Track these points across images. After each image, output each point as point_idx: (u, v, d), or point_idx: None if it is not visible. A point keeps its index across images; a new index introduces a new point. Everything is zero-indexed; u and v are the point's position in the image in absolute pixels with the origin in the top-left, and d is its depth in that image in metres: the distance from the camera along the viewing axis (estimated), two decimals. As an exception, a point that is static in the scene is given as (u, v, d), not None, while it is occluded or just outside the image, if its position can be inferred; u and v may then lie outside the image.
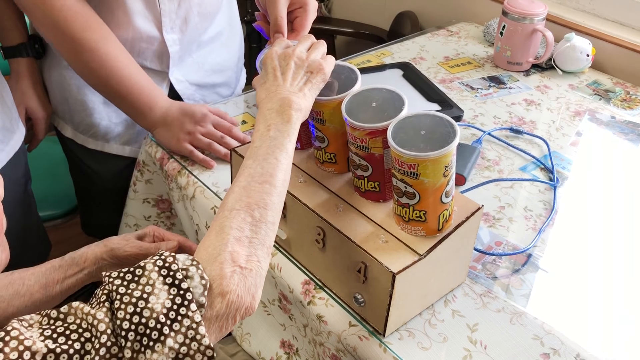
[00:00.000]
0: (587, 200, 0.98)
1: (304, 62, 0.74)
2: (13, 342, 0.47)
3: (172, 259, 0.56)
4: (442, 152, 0.65)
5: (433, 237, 0.72)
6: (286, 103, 0.70)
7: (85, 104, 1.11)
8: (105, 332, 0.50)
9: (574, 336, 0.75)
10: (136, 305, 0.52)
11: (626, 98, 1.26)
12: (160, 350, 0.51)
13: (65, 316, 0.52)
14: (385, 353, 0.72)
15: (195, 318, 0.53)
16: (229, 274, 0.57)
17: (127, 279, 0.54)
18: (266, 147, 0.67)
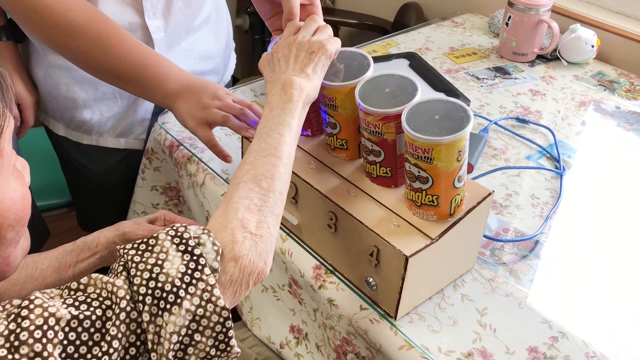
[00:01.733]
0: (593, 188, 0.99)
1: (303, 45, 0.75)
2: (38, 309, 0.48)
3: (183, 228, 0.57)
4: (456, 137, 0.66)
5: (445, 222, 0.73)
6: (287, 83, 0.71)
7: (75, 101, 1.09)
8: (124, 297, 0.51)
9: (581, 321, 0.76)
10: (151, 271, 0.53)
11: (631, 89, 1.27)
12: (177, 312, 0.52)
13: (85, 287, 0.53)
14: (396, 336, 0.73)
15: (209, 281, 0.54)
16: (241, 239, 0.59)
17: (141, 248, 0.56)
18: (269, 125, 0.68)
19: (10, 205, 0.53)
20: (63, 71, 1.07)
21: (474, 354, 0.72)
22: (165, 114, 1.13)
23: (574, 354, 0.72)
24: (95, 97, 1.09)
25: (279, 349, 0.92)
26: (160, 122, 1.10)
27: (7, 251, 0.55)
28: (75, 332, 0.49)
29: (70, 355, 0.49)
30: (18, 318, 0.48)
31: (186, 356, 0.53)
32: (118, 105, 1.12)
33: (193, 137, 1.06)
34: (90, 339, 0.50)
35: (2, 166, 0.53)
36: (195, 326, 0.53)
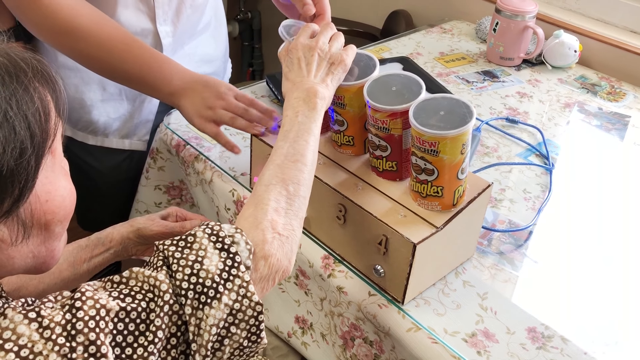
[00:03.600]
0: (581, 183, 1.06)
1: (326, 54, 0.79)
2: (89, 301, 0.51)
3: (218, 227, 0.61)
4: (461, 131, 0.71)
5: (448, 212, 0.78)
6: (312, 92, 0.75)
7: (83, 102, 1.12)
8: (167, 291, 0.55)
9: (573, 304, 0.82)
10: (192, 267, 0.57)
11: (611, 91, 1.34)
12: (217, 306, 0.56)
13: (127, 280, 0.56)
14: (404, 319, 0.78)
15: (245, 278, 0.58)
16: (270, 239, 0.63)
17: (180, 245, 0.59)
18: (296, 130, 0.72)
19: (61, 201, 0.56)
20: (72, 72, 1.10)
21: (477, 334, 0.76)
22: (170, 114, 1.16)
23: (569, 332, 0.78)
24: (103, 97, 1.13)
25: (287, 337, 0.96)
26: (166, 122, 1.14)
27: (53, 244, 0.58)
28: (123, 323, 0.52)
29: (119, 344, 0.52)
30: (73, 309, 0.50)
31: (222, 347, 0.57)
32: (124, 107, 1.15)
33: (199, 137, 1.10)
34: (137, 329, 0.53)
35: (55, 165, 0.56)
36: (232, 319, 0.57)
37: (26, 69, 0.52)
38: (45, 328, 0.49)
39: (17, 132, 0.49)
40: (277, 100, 1.23)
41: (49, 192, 0.55)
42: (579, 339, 0.77)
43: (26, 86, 0.51)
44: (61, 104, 0.56)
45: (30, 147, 0.51)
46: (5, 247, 0.53)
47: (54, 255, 0.59)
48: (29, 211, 0.53)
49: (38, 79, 0.53)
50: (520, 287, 0.84)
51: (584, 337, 0.77)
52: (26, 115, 0.50)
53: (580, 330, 0.78)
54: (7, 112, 0.49)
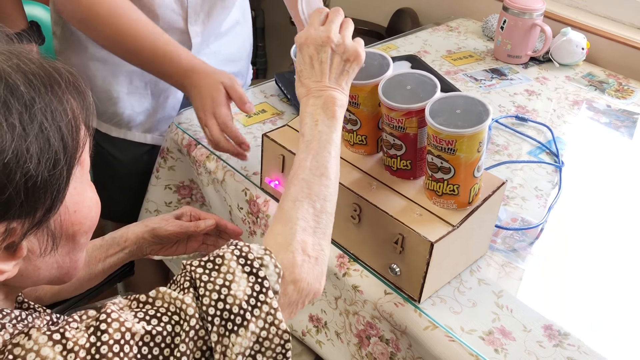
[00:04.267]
0: (590, 180, 1.06)
1: (339, 48, 0.76)
2: (115, 323, 0.50)
3: (247, 248, 0.59)
4: (478, 129, 0.71)
5: (464, 210, 0.78)
6: (330, 100, 0.73)
7: (110, 93, 1.15)
8: (193, 316, 0.54)
9: (585, 300, 0.83)
10: (220, 292, 0.55)
11: (619, 89, 1.34)
12: (244, 334, 0.55)
13: (153, 300, 0.55)
14: (420, 317, 0.78)
15: (273, 304, 0.57)
16: (300, 262, 0.62)
17: (208, 267, 0.57)
18: (317, 141, 0.71)
19: (87, 212, 0.56)
20: (101, 64, 1.12)
21: (494, 332, 0.77)
22: (180, 114, 1.16)
23: (583, 329, 0.78)
24: (129, 90, 1.14)
25: (301, 336, 0.96)
26: (177, 122, 1.14)
27: (77, 255, 0.58)
28: (147, 347, 0.51)
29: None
30: (98, 331, 0.50)
31: None
32: (148, 101, 1.17)
33: (210, 136, 1.10)
34: (161, 353, 0.52)
35: (83, 176, 0.56)
36: (258, 347, 0.56)
37: (60, 80, 0.52)
38: (70, 351, 0.48)
39: (51, 144, 0.49)
40: (286, 99, 1.23)
41: (77, 203, 0.55)
42: (594, 336, 0.77)
43: (60, 97, 0.51)
44: (90, 116, 0.56)
45: (63, 159, 0.51)
46: (34, 258, 0.53)
47: (77, 266, 0.59)
48: (59, 222, 0.53)
49: (70, 90, 0.53)
50: (535, 284, 0.85)
51: (599, 334, 0.78)
52: (60, 127, 0.50)
53: (595, 327, 0.79)
54: (42, 123, 0.49)
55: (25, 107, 0.48)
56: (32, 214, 0.50)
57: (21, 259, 0.52)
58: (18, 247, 0.51)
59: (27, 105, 0.48)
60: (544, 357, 0.74)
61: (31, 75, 0.50)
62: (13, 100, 0.48)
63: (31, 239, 0.52)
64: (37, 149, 0.48)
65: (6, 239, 0.49)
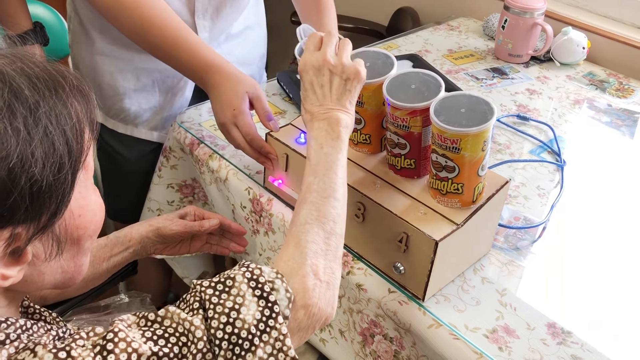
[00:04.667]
0: (592, 179, 1.07)
1: (337, 68, 0.75)
2: (122, 343, 0.50)
3: (259, 271, 0.59)
4: (483, 128, 0.71)
5: (468, 209, 0.79)
6: (333, 121, 0.74)
7: (117, 89, 1.15)
8: (201, 339, 0.53)
9: (588, 298, 0.83)
10: (229, 315, 0.55)
11: (620, 88, 1.35)
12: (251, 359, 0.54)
13: (162, 319, 0.54)
14: (424, 315, 0.79)
15: (282, 330, 0.56)
16: (311, 287, 0.61)
17: (218, 289, 0.57)
18: (323, 163, 0.71)
19: (92, 216, 0.56)
20: (109, 59, 1.12)
21: (498, 330, 0.77)
22: (183, 113, 1.16)
23: (587, 328, 0.78)
24: (136, 87, 1.14)
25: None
26: (179, 120, 1.14)
27: (82, 260, 0.58)
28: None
29: None
30: (104, 351, 0.49)
31: None
32: (155, 99, 1.17)
33: (213, 135, 1.10)
34: None
35: (87, 180, 0.56)
36: None
37: (64, 84, 0.52)
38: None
39: (56, 148, 0.49)
40: (288, 98, 1.23)
41: (82, 207, 0.55)
42: (595, 334, 0.78)
43: (64, 101, 0.51)
44: (94, 120, 0.55)
45: (68, 163, 0.50)
46: (39, 263, 0.53)
47: (81, 270, 0.59)
48: (64, 226, 0.53)
49: (74, 93, 0.53)
50: (538, 282, 0.85)
51: (600, 332, 0.78)
52: (64, 131, 0.50)
53: (597, 325, 0.79)
54: (47, 127, 0.49)
55: (29, 111, 0.48)
56: (37, 218, 0.49)
57: (26, 264, 0.51)
58: (23, 253, 0.50)
59: (32, 109, 0.48)
60: (548, 355, 0.74)
61: (35, 79, 0.50)
62: (17, 104, 0.47)
63: (36, 244, 0.51)
64: (42, 153, 0.48)
65: (11, 244, 0.49)
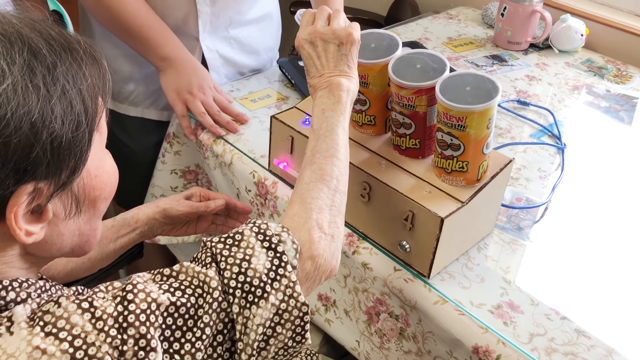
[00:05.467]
0: (592, 161, 1.08)
1: (329, 35, 0.76)
2: (141, 294, 0.52)
3: (265, 225, 0.61)
4: (488, 105, 0.72)
5: (472, 187, 0.80)
6: (334, 86, 0.74)
7: (122, 72, 1.16)
8: (216, 288, 0.55)
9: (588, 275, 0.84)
10: (240, 266, 0.57)
11: (618, 74, 1.36)
12: (264, 306, 0.56)
13: (177, 274, 0.56)
14: (430, 292, 0.80)
15: (292, 278, 0.58)
16: (317, 239, 0.63)
17: (228, 243, 0.59)
18: (325, 126, 0.72)
19: (107, 178, 0.58)
20: (110, 44, 1.13)
21: (503, 305, 0.78)
22: (186, 99, 1.17)
23: (587, 303, 0.80)
24: (141, 70, 1.16)
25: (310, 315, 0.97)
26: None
27: (96, 223, 0.59)
28: (172, 318, 0.52)
29: (167, 338, 0.52)
30: (125, 301, 0.51)
31: (267, 346, 0.57)
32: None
33: (217, 120, 1.11)
34: (185, 324, 0.53)
35: (102, 142, 0.57)
36: (277, 319, 0.57)
37: (78, 48, 0.53)
38: (98, 319, 0.49)
39: (73, 106, 0.51)
40: (290, 84, 1.24)
41: (98, 168, 0.56)
42: (597, 310, 0.79)
43: (79, 62, 0.52)
44: (107, 84, 0.57)
45: (85, 121, 0.52)
46: (58, 221, 0.54)
47: (95, 234, 0.60)
48: (82, 185, 0.55)
49: (87, 57, 0.54)
50: (541, 260, 0.86)
51: (602, 308, 0.80)
52: (80, 90, 0.52)
53: (599, 302, 0.81)
54: (64, 86, 0.50)
55: (48, 70, 0.50)
56: (58, 174, 0.51)
57: (47, 222, 0.53)
58: (44, 210, 0.52)
59: (50, 69, 0.50)
60: (552, 329, 0.76)
61: (52, 41, 0.51)
62: (36, 63, 0.49)
63: (56, 202, 0.53)
64: (61, 111, 0.49)
65: (34, 200, 0.50)
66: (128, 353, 0.49)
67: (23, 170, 0.48)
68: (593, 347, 0.74)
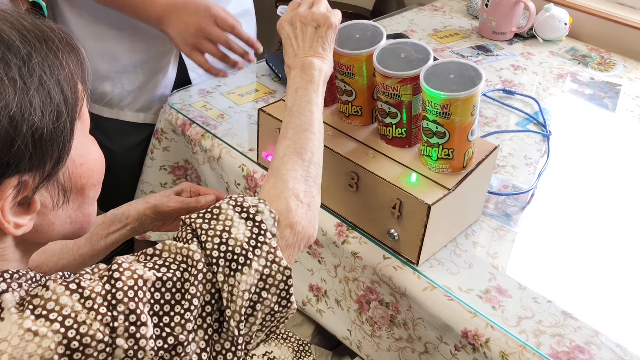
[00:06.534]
0: (577, 148, 1.09)
1: (308, 19, 0.79)
2: (127, 272, 0.52)
3: (242, 199, 0.62)
4: (472, 92, 0.73)
5: (459, 174, 0.81)
6: (306, 65, 0.76)
7: (97, 72, 1.15)
8: (200, 260, 0.56)
9: (573, 259, 0.86)
10: (221, 237, 0.58)
11: (602, 62, 1.38)
12: (248, 272, 0.57)
13: (160, 252, 0.57)
14: (419, 279, 0.81)
15: (272, 244, 0.59)
16: (294, 207, 0.64)
17: (207, 217, 0.60)
18: (298, 104, 0.74)
19: (93, 165, 0.58)
20: (85, 42, 1.09)
21: (491, 290, 0.79)
22: (173, 95, 1.17)
23: (573, 286, 0.81)
24: (117, 69, 1.15)
25: (301, 306, 0.98)
26: (170, 102, 1.15)
27: (89, 209, 0.60)
28: (159, 292, 0.53)
29: (156, 312, 0.53)
30: (111, 279, 0.51)
31: (254, 312, 0.58)
32: (139, 80, 1.17)
33: (205, 115, 1.11)
34: (173, 298, 0.54)
35: (84, 129, 0.57)
36: (262, 284, 0.58)
37: (53, 37, 0.53)
38: (87, 298, 0.50)
39: (52, 96, 0.51)
40: (277, 78, 1.24)
41: (82, 156, 0.56)
42: (583, 291, 0.80)
43: (55, 52, 0.52)
44: (85, 71, 0.57)
45: (65, 111, 0.52)
46: (48, 212, 0.55)
47: (89, 220, 0.61)
48: (67, 175, 0.55)
49: (64, 45, 0.54)
50: (527, 245, 0.88)
51: (588, 289, 0.81)
52: (59, 80, 0.52)
53: (585, 283, 0.82)
54: (41, 76, 0.50)
55: (23, 61, 0.49)
56: (42, 166, 0.51)
57: (35, 213, 0.53)
58: (32, 202, 0.52)
59: (25, 60, 0.50)
60: (540, 312, 0.77)
61: (25, 32, 0.51)
62: (10, 56, 0.49)
63: (43, 193, 0.53)
64: (40, 102, 0.49)
65: (20, 193, 0.51)
66: (119, 329, 0.50)
67: (6, 165, 0.49)
68: (580, 328, 0.75)
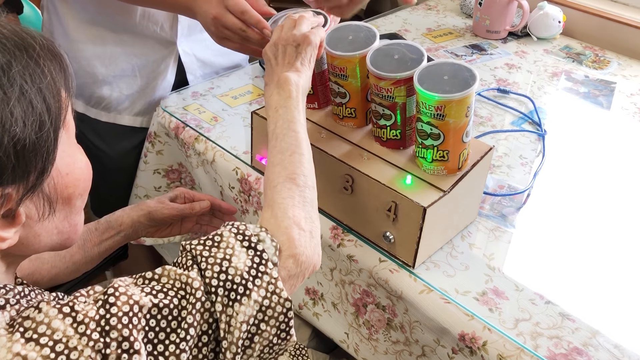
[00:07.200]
0: (572, 147, 1.09)
1: (288, 39, 0.77)
2: (123, 297, 0.51)
3: (244, 227, 0.61)
4: (466, 93, 0.73)
5: (454, 175, 0.80)
6: (282, 81, 0.74)
7: (95, 76, 1.14)
8: (199, 289, 0.54)
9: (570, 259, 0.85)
10: (221, 265, 0.56)
11: (596, 60, 1.37)
12: (247, 303, 0.56)
13: (159, 277, 0.56)
14: (415, 282, 0.80)
15: (273, 274, 0.58)
16: (297, 237, 0.63)
17: (207, 244, 0.59)
18: (280, 124, 0.72)
19: (80, 174, 0.57)
20: (84, 45, 1.11)
21: (488, 292, 0.79)
22: (166, 98, 1.16)
23: (571, 285, 0.81)
24: (115, 73, 1.14)
25: (298, 310, 0.97)
26: (163, 105, 1.14)
27: (76, 219, 0.59)
28: (155, 319, 0.52)
29: (151, 340, 0.51)
30: (106, 304, 0.50)
31: (252, 344, 0.57)
32: (137, 84, 1.16)
33: (198, 118, 1.10)
34: (168, 326, 0.52)
35: (70, 138, 0.56)
36: (261, 316, 0.57)
37: (34, 44, 0.52)
38: (80, 323, 0.49)
39: (34, 106, 0.50)
40: (271, 80, 1.23)
41: (68, 165, 0.55)
42: (580, 292, 0.80)
43: (36, 60, 0.51)
44: (69, 79, 0.55)
45: (48, 120, 0.51)
46: (33, 223, 0.54)
47: (76, 230, 0.60)
48: (52, 185, 0.54)
49: (45, 53, 0.53)
50: (524, 246, 0.87)
51: (586, 290, 0.81)
52: (40, 89, 0.50)
53: (583, 284, 0.82)
54: (22, 86, 0.49)
55: (2, 71, 0.48)
56: (26, 178, 0.50)
57: (20, 225, 0.52)
58: (16, 214, 0.51)
59: (5, 69, 0.48)
60: (537, 314, 0.76)
61: (4, 40, 0.50)
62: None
63: (28, 205, 0.52)
64: (21, 112, 0.48)
65: (3, 205, 0.49)
66: (111, 356, 0.49)
67: None
68: (577, 329, 0.75)
